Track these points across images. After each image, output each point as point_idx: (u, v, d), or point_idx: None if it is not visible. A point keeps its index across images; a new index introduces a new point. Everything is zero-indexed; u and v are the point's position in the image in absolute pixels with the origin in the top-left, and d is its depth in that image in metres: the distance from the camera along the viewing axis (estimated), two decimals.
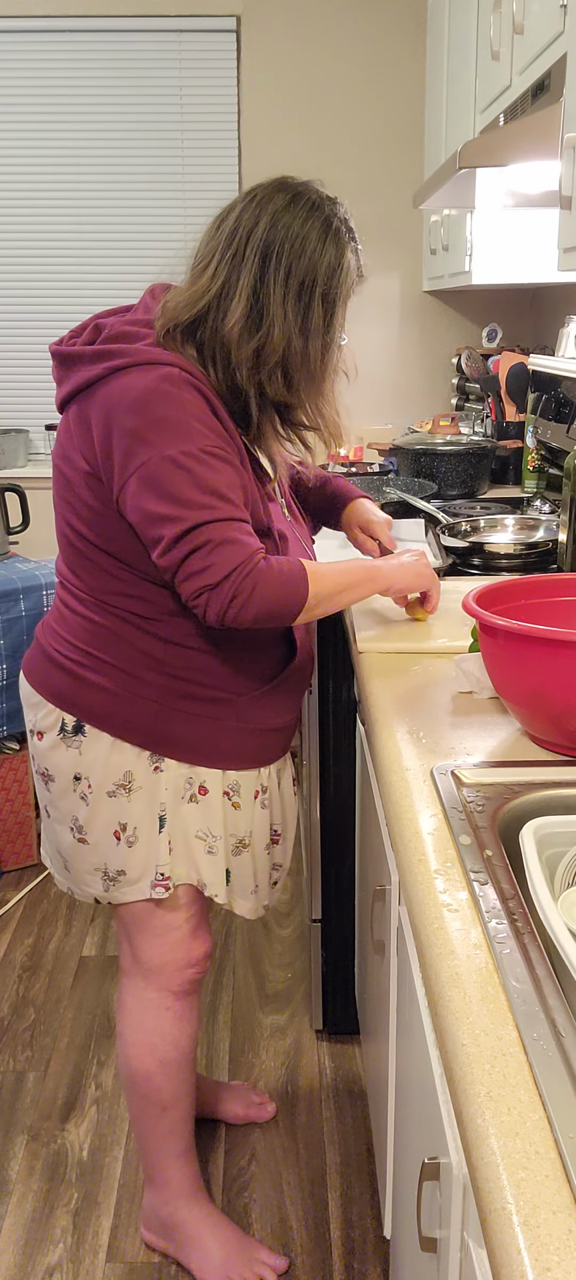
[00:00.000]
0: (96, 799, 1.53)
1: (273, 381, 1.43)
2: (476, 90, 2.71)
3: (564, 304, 3.17)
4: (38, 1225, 1.88)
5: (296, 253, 1.39)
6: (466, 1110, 0.74)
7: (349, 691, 2.10)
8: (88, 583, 1.49)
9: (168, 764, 1.52)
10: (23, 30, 3.65)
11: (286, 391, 1.45)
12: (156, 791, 1.53)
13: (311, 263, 1.39)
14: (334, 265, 1.41)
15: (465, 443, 2.79)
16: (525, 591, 1.42)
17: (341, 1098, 2.17)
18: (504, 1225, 0.64)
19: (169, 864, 1.56)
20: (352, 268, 1.45)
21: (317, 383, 1.45)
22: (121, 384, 1.37)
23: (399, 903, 1.32)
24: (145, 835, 1.54)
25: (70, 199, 3.79)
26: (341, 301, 1.44)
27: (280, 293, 1.39)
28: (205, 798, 1.54)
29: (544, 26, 1.98)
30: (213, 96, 3.70)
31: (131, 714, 1.49)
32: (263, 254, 1.39)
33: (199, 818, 1.55)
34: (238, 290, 1.39)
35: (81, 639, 1.50)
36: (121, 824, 1.54)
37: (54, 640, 1.55)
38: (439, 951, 0.90)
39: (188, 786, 1.54)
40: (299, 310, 1.40)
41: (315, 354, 1.42)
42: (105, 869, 1.57)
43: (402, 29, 3.62)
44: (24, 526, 3.18)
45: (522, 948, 0.89)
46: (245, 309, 1.39)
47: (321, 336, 1.42)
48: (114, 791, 1.53)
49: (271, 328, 1.39)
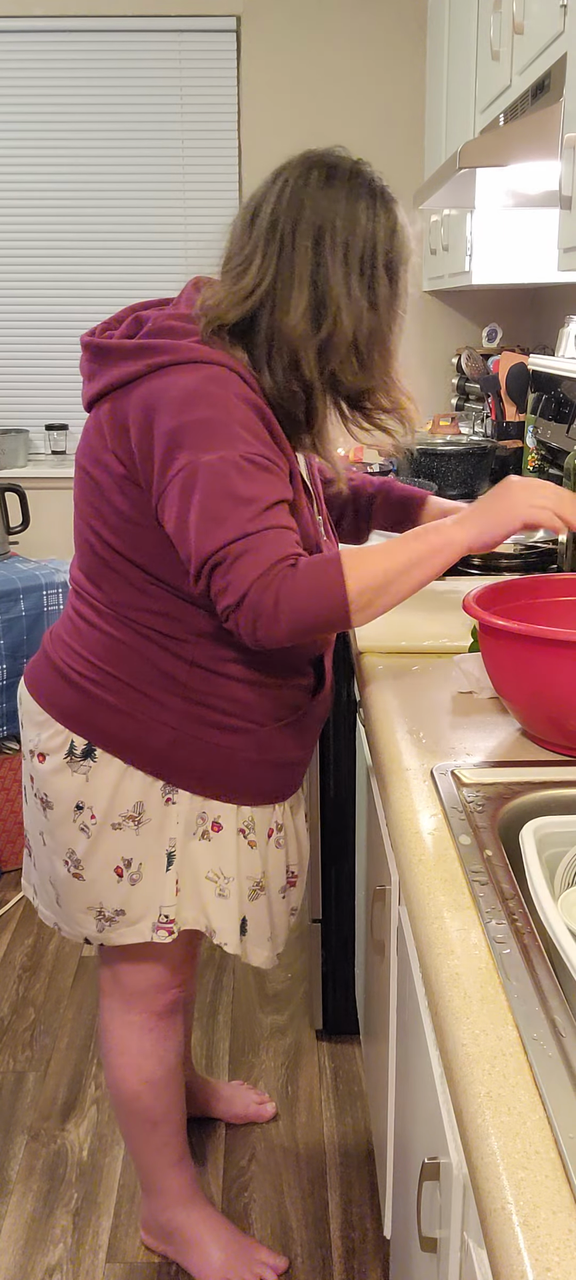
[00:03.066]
0: (99, 831, 1.43)
1: (347, 368, 1.32)
2: (476, 90, 2.71)
3: (564, 304, 3.17)
4: (38, 1225, 1.88)
5: (350, 228, 1.30)
6: (466, 1110, 0.74)
7: (349, 691, 2.10)
8: (109, 595, 1.39)
9: (181, 796, 1.42)
10: (23, 30, 3.65)
11: (363, 375, 1.34)
12: (167, 825, 1.43)
13: (368, 233, 1.30)
14: (390, 229, 1.32)
15: (465, 443, 2.79)
16: (525, 591, 1.41)
17: (341, 1098, 2.17)
18: (504, 1225, 0.64)
19: (175, 905, 1.46)
20: (406, 227, 1.36)
21: (392, 357, 1.36)
22: (164, 382, 1.27)
23: (399, 903, 1.32)
24: (151, 873, 1.45)
25: (70, 199, 3.79)
26: (403, 265, 1.35)
27: (341, 272, 1.29)
28: (218, 835, 1.45)
29: (544, 26, 1.98)
30: (213, 96, 3.71)
31: (147, 740, 1.39)
32: (315, 238, 1.29)
33: (210, 856, 1.45)
34: (295, 282, 1.29)
35: (98, 655, 1.40)
36: (125, 859, 1.44)
37: (66, 654, 1.44)
38: (439, 951, 0.90)
39: (200, 822, 1.44)
40: (364, 285, 1.30)
41: (386, 326, 1.33)
42: (100, 908, 1.47)
43: (402, 29, 3.62)
44: (24, 526, 3.18)
45: (522, 948, 0.89)
46: (308, 299, 1.29)
47: (390, 305, 1.33)
48: (120, 823, 1.42)
49: (339, 311, 1.29)
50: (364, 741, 1.75)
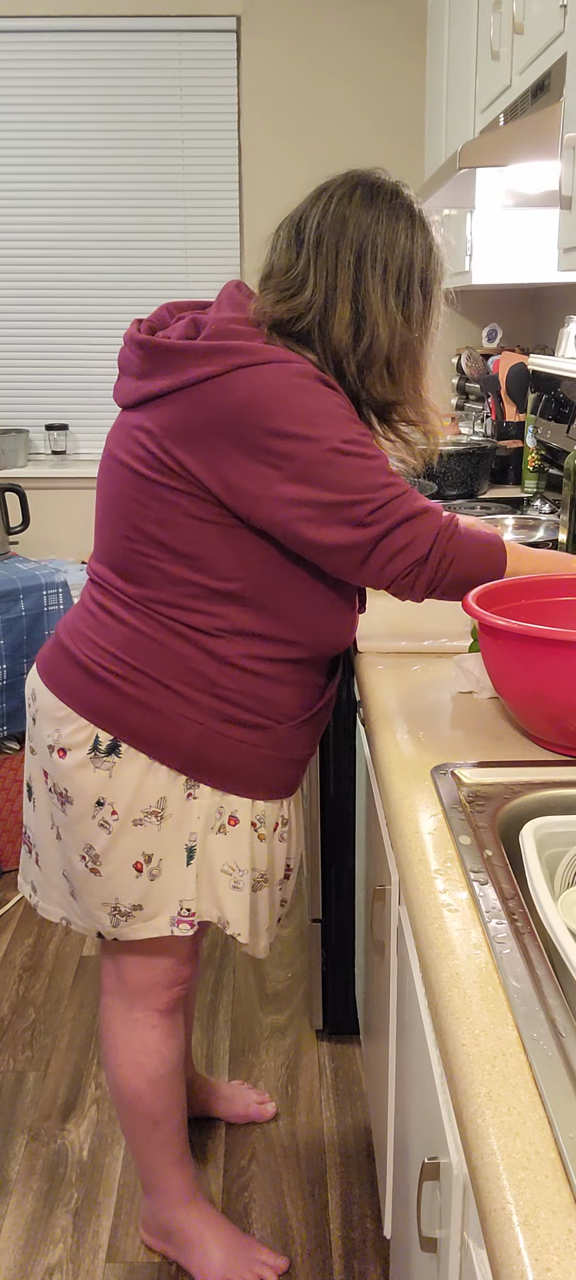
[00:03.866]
0: (121, 827, 1.44)
1: (380, 381, 1.40)
2: (476, 90, 2.71)
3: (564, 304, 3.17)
4: (38, 1225, 1.88)
5: (389, 247, 1.37)
6: (466, 1110, 0.74)
7: (349, 691, 2.10)
8: (144, 590, 1.40)
9: (202, 791, 1.45)
10: (23, 30, 3.65)
11: (392, 388, 1.42)
12: (188, 820, 1.45)
13: (406, 253, 1.38)
14: (427, 249, 1.40)
15: (465, 443, 2.79)
16: (525, 591, 1.41)
17: (341, 1098, 2.17)
18: (504, 1225, 0.64)
19: (195, 899, 1.49)
20: (441, 248, 1.44)
21: (421, 372, 1.43)
22: (249, 383, 1.30)
23: (399, 903, 1.32)
24: (171, 867, 1.47)
25: (70, 199, 3.79)
26: (437, 284, 1.43)
27: (380, 289, 1.37)
28: (235, 828, 1.48)
29: (544, 26, 1.98)
30: (213, 96, 3.70)
31: (174, 736, 1.41)
32: (357, 255, 1.37)
33: (227, 850, 1.48)
34: (339, 296, 1.37)
35: (125, 650, 1.41)
36: (146, 854, 1.46)
37: (89, 650, 1.44)
38: (439, 951, 0.90)
39: (218, 816, 1.47)
40: (399, 302, 1.38)
41: (418, 342, 1.41)
42: (116, 903, 1.49)
43: (402, 29, 3.62)
44: (24, 526, 3.18)
45: (522, 948, 0.89)
46: (351, 314, 1.36)
47: (423, 323, 1.41)
48: (142, 819, 1.44)
49: (376, 326, 1.37)
50: (364, 741, 1.75)
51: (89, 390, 3.91)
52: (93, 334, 3.88)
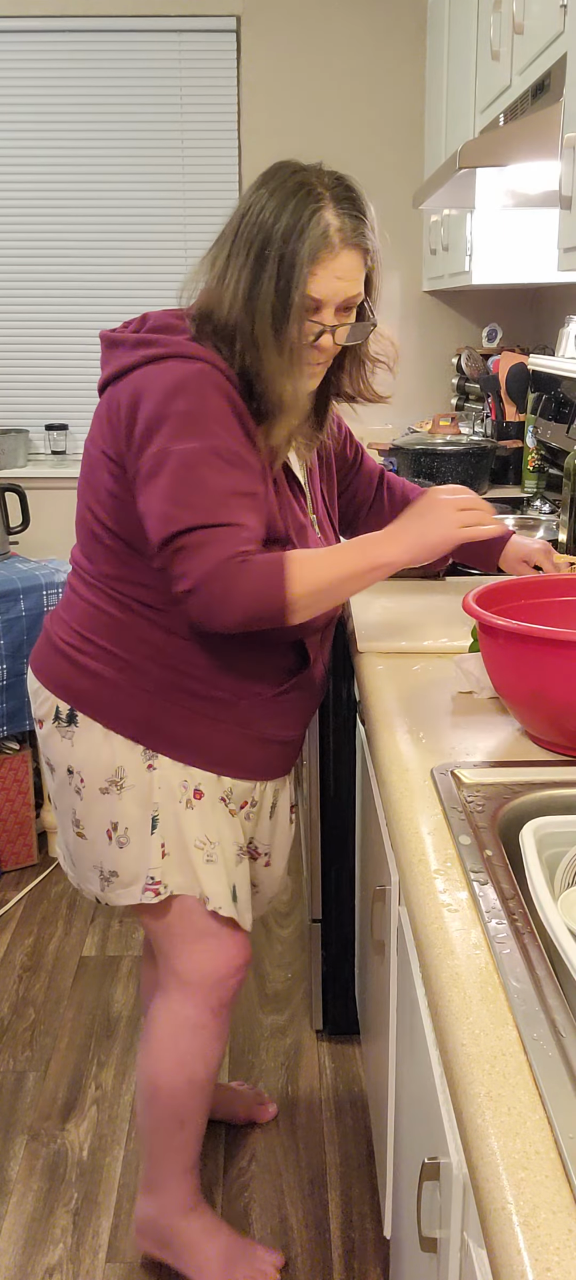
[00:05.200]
0: (89, 795, 1.50)
1: (235, 355, 1.37)
2: (476, 90, 2.71)
3: (564, 304, 3.17)
4: (38, 1225, 1.88)
5: (255, 221, 1.34)
6: (466, 1110, 0.74)
7: (349, 691, 2.10)
8: (101, 569, 1.47)
9: (161, 762, 1.48)
10: (23, 30, 3.65)
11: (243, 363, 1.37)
12: (149, 790, 1.48)
13: (267, 227, 1.33)
14: (290, 226, 1.32)
15: (465, 443, 2.79)
16: (525, 591, 1.42)
17: (341, 1098, 2.17)
18: (504, 1225, 0.64)
19: (160, 868, 1.50)
20: (322, 227, 1.33)
21: (268, 354, 1.35)
22: (154, 372, 1.36)
23: (399, 903, 1.32)
24: (136, 836, 1.50)
25: (70, 199, 3.79)
26: (302, 263, 1.32)
27: (239, 262, 1.35)
28: (200, 802, 1.50)
29: (544, 26, 1.98)
30: (213, 96, 3.71)
31: (126, 704, 1.46)
32: (235, 230, 1.37)
33: (197, 823, 1.50)
34: (218, 271, 1.38)
35: (85, 625, 1.48)
36: (113, 823, 1.50)
37: (59, 627, 1.53)
38: (439, 951, 0.90)
39: (182, 790, 1.49)
40: (252, 278, 1.34)
41: (262, 323, 1.34)
42: (101, 867, 1.54)
43: (402, 29, 3.63)
44: (24, 526, 3.18)
45: (522, 948, 0.89)
46: (222, 289, 1.37)
47: (271, 302, 1.33)
48: (106, 788, 1.49)
49: (228, 299, 1.35)
50: (364, 741, 1.75)
51: (89, 390, 3.91)
52: (93, 334, 3.84)
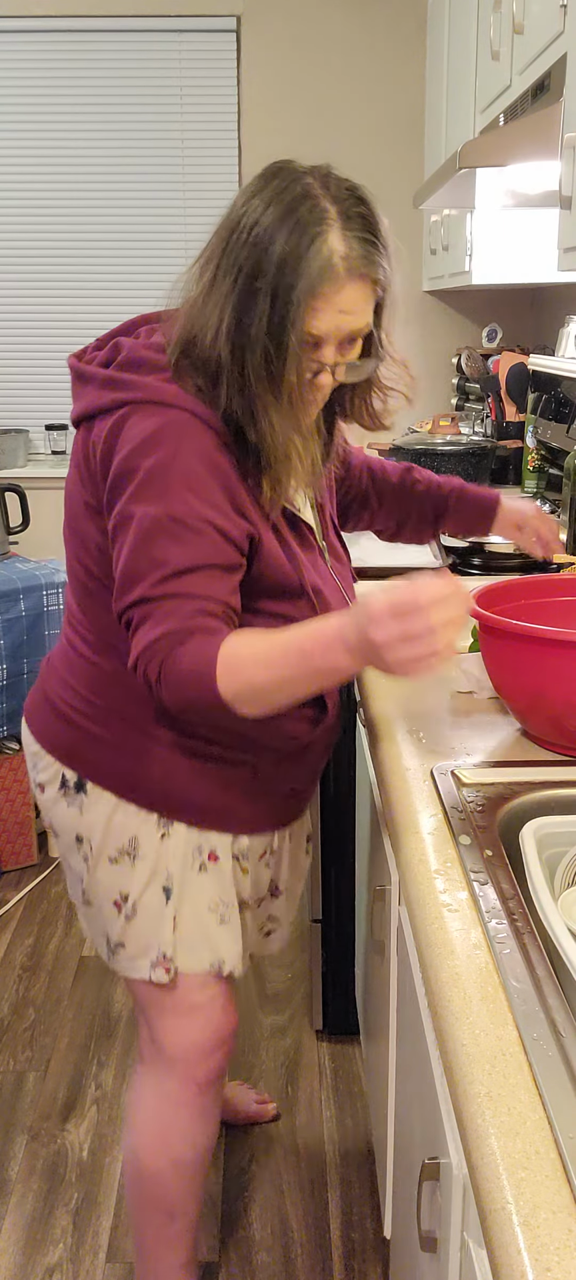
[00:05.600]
0: (96, 863, 1.39)
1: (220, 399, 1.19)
2: (476, 90, 2.71)
3: (564, 304, 3.17)
4: (38, 1225, 1.88)
5: (246, 240, 1.14)
6: (466, 1110, 0.74)
7: (349, 692, 2.10)
8: (95, 623, 1.33)
9: (176, 829, 1.36)
10: (23, 30, 3.65)
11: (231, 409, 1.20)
12: (163, 860, 1.36)
13: (260, 249, 1.13)
14: (288, 253, 1.12)
15: (465, 443, 2.79)
16: (525, 591, 1.42)
17: (341, 1098, 2.17)
18: (504, 1225, 0.64)
19: (172, 944, 1.38)
20: (324, 256, 1.13)
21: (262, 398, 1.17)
22: (126, 421, 1.21)
23: (399, 903, 1.32)
24: (147, 909, 1.38)
25: (70, 199, 3.79)
26: (301, 297, 1.12)
27: (227, 286, 1.16)
28: (215, 865, 1.39)
29: (544, 26, 1.98)
30: (213, 96, 3.71)
31: (138, 772, 1.34)
32: (224, 242, 1.18)
33: (209, 888, 1.39)
34: (203, 290, 1.19)
35: (86, 685, 1.35)
36: (122, 894, 1.38)
37: (57, 684, 1.40)
38: (439, 951, 0.90)
39: (197, 854, 1.37)
40: (240, 309, 1.15)
41: (255, 362, 1.16)
42: (108, 936, 1.43)
43: (402, 29, 3.62)
44: (24, 526, 3.18)
45: (522, 948, 0.89)
46: (206, 314, 1.18)
47: (263, 342, 1.14)
48: (116, 857, 1.37)
49: (211, 329, 1.17)
50: (364, 742, 1.75)
51: None
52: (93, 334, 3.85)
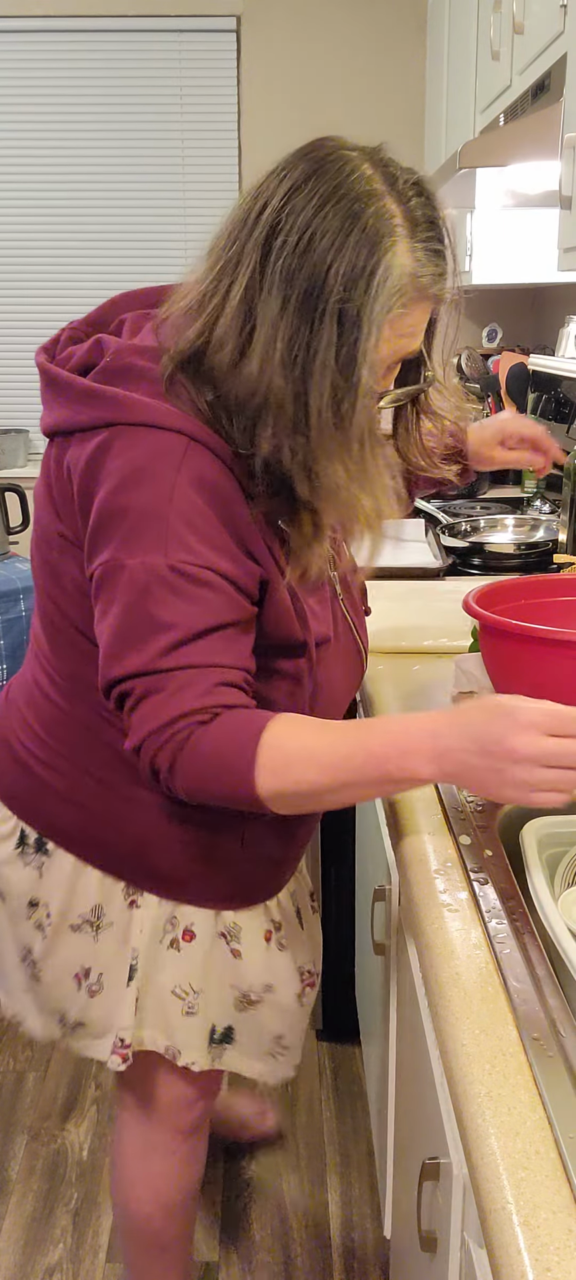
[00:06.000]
0: (56, 932, 1.22)
1: (263, 434, 0.99)
2: (476, 90, 2.71)
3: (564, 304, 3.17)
4: (38, 1225, 1.88)
5: (297, 248, 0.93)
6: (466, 1110, 0.74)
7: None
8: (65, 665, 1.15)
9: (147, 899, 1.19)
10: (23, 30, 3.65)
11: (281, 455, 0.99)
12: (130, 933, 1.20)
13: (320, 265, 0.92)
14: (358, 271, 0.92)
15: None
16: (525, 591, 1.41)
17: (341, 1098, 2.17)
18: (504, 1225, 0.64)
19: (131, 1028, 1.22)
20: (399, 273, 0.94)
21: (326, 445, 0.97)
22: (110, 447, 1.00)
23: (399, 903, 1.32)
24: (112, 985, 1.22)
25: (70, 199, 3.79)
26: (371, 325, 0.94)
27: (275, 305, 0.94)
28: (190, 944, 1.21)
29: (544, 26, 1.98)
30: (213, 96, 3.71)
31: (106, 835, 1.17)
32: (263, 250, 0.95)
33: (178, 969, 1.21)
34: (228, 301, 0.97)
35: (51, 732, 1.17)
36: (84, 968, 1.23)
37: (18, 725, 1.21)
38: (439, 951, 0.90)
39: (169, 928, 1.20)
40: (303, 335, 0.94)
41: (319, 401, 0.95)
42: (63, 1014, 1.26)
43: (402, 29, 3.63)
44: (24, 526, 3.18)
45: (522, 948, 0.89)
46: (236, 328, 0.97)
47: (332, 374, 0.94)
48: (78, 925, 1.21)
49: (256, 356, 0.96)
50: None
51: None
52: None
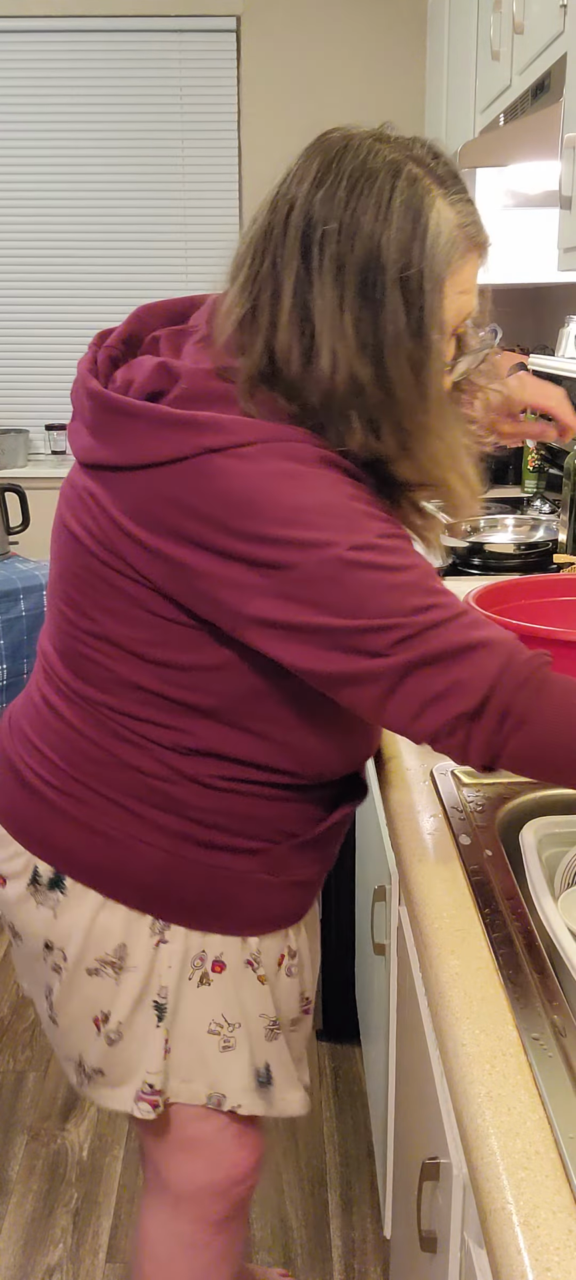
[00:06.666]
0: (72, 976, 1.13)
1: (352, 431, 0.98)
2: (476, 90, 2.71)
3: (564, 304, 3.16)
4: (38, 1225, 1.88)
5: (347, 233, 0.94)
6: (466, 1110, 0.74)
7: None
8: (91, 689, 1.08)
9: (174, 933, 1.11)
10: (23, 30, 3.65)
11: (375, 442, 0.99)
12: (156, 971, 1.11)
13: (370, 242, 0.94)
14: (409, 235, 0.94)
15: None
16: (525, 591, 1.41)
17: (341, 1098, 2.17)
18: (504, 1225, 0.64)
19: (162, 1073, 1.14)
20: (448, 226, 0.97)
21: (416, 417, 0.99)
22: (225, 474, 0.94)
23: (399, 903, 1.32)
24: (135, 1030, 1.13)
25: (70, 199, 3.79)
26: (434, 284, 0.96)
27: (332, 297, 0.95)
28: (221, 975, 1.13)
29: (544, 26, 1.98)
30: (213, 96, 3.71)
31: (131, 866, 1.09)
32: (302, 250, 0.96)
33: (211, 1004, 1.14)
34: (280, 314, 0.98)
35: (65, 757, 1.10)
36: (103, 1013, 1.13)
37: (26, 751, 1.13)
38: (439, 951, 0.90)
39: (198, 963, 1.12)
40: (368, 317, 0.95)
41: (399, 374, 0.96)
42: (80, 1060, 1.18)
43: (402, 29, 3.63)
44: (24, 526, 3.18)
45: (522, 948, 0.89)
46: (296, 335, 0.97)
47: (406, 344, 0.96)
48: (97, 969, 1.12)
49: (324, 352, 0.96)
50: None
51: None
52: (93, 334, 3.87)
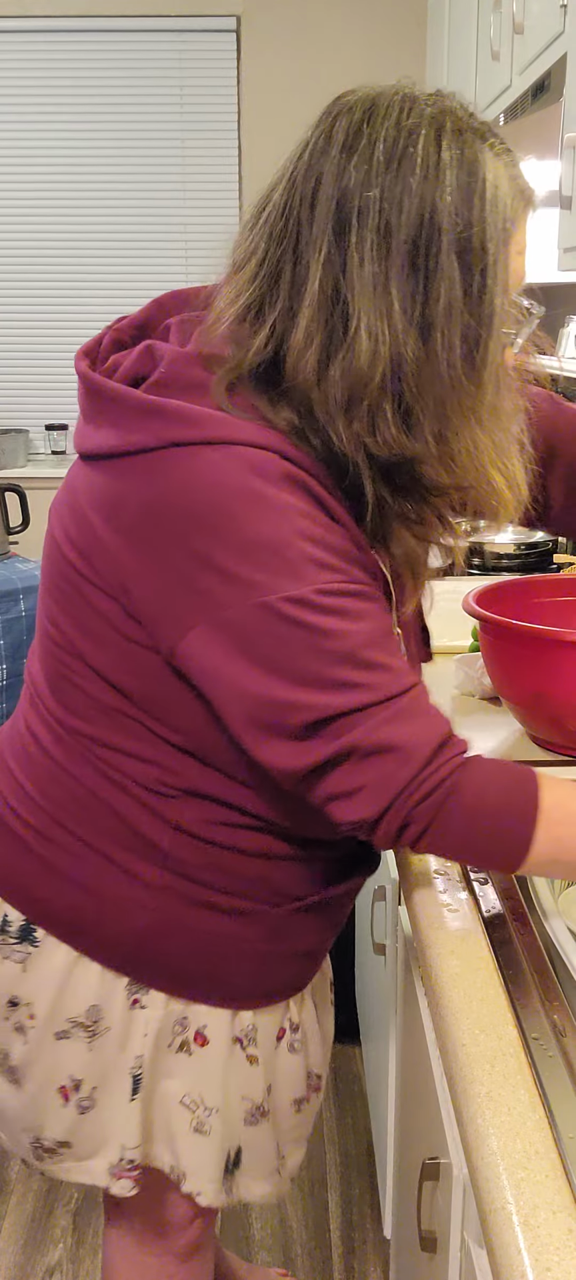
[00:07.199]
0: (40, 1037, 1.02)
1: (380, 428, 0.86)
2: (476, 90, 2.71)
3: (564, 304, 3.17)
4: (38, 1225, 1.88)
5: (393, 199, 0.82)
6: (466, 1110, 0.74)
7: None
8: (73, 718, 0.98)
9: (153, 998, 1.01)
10: (23, 30, 3.65)
11: (407, 438, 0.86)
12: (132, 1038, 1.01)
13: (423, 205, 0.82)
14: (466, 193, 0.83)
15: None
16: (525, 591, 1.42)
17: (341, 1098, 2.17)
18: (504, 1225, 0.64)
19: (140, 1146, 1.04)
20: (503, 180, 0.85)
21: (465, 400, 0.86)
22: (186, 471, 0.86)
23: (399, 903, 1.32)
24: (108, 1100, 1.03)
25: (70, 199, 3.79)
26: (498, 244, 0.84)
27: (374, 272, 0.83)
28: (204, 1050, 1.03)
29: (544, 26, 1.98)
30: (213, 96, 3.71)
31: (111, 923, 0.99)
32: (336, 225, 0.84)
33: (188, 1078, 1.04)
34: (303, 299, 0.86)
35: (47, 795, 1.00)
36: (73, 1080, 1.03)
37: (8, 788, 1.04)
38: (439, 951, 0.90)
39: (178, 1030, 1.03)
40: (417, 289, 0.83)
41: (450, 352, 0.84)
42: (39, 1134, 1.06)
43: (402, 29, 3.63)
44: (24, 526, 3.18)
45: (522, 948, 0.89)
46: (322, 322, 0.85)
47: (463, 316, 0.84)
48: (67, 1031, 1.01)
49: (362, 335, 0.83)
50: None
51: None
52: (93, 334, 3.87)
